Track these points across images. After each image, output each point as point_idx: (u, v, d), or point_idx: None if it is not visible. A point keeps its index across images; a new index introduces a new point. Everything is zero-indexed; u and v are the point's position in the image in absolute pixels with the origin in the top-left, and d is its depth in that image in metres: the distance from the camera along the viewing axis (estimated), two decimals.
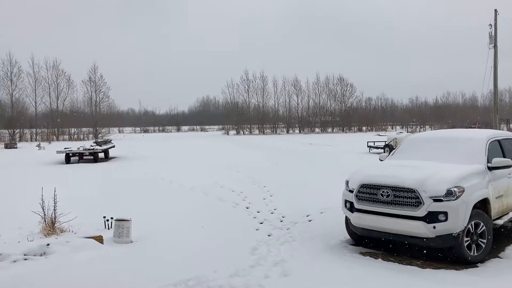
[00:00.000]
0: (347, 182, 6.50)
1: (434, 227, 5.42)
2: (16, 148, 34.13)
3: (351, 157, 22.53)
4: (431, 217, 5.43)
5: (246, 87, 72.00)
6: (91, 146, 23.80)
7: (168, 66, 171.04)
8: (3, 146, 34.98)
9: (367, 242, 6.53)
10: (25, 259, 4.81)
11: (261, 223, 8.16)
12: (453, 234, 5.43)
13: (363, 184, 6.04)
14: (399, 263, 5.60)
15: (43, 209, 7.15)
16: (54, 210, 7.28)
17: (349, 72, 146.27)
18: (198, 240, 6.76)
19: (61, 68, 57.17)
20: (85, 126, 55.98)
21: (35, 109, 54.49)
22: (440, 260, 5.71)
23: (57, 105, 55.64)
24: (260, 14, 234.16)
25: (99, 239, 6.12)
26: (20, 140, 47.74)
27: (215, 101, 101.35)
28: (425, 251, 5.89)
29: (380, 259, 5.78)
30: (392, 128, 79.00)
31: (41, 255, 5.15)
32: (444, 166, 6.07)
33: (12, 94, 51.86)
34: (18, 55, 74.68)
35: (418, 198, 5.50)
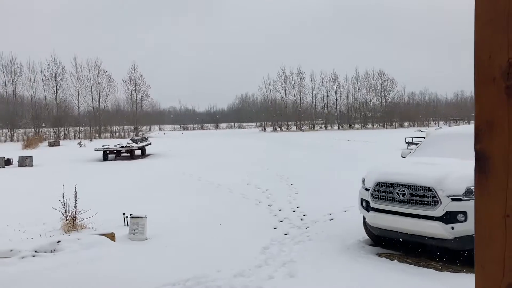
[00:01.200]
0: (363, 180, 6.25)
1: (453, 228, 5.11)
2: (59, 146, 35.41)
3: (387, 153, 21.93)
4: (449, 217, 5.12)
5: (283, 83, 71.63)
6: (128, 143, 24.31)
7: (208, 65, 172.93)
8: (47, 144, 36.36)
9: (386, 243, 6.26)
10: (33, 256, 4.89)
11: (280, 222, 8.01)
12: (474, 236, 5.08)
13: (379, 182, 5.77)
14: (415, 265, 5.32)
15: (63, 206, 7.31)
16: (74, 207, 7.43)
17: (390, 67, 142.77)
18: (212, 238, 6.70)
19: (102, 67, 58.94)
20: (126, 124, 57.40)
21: (78, 108, 56.36)
22: (462, 263, 5.38)
23: (99, 103, 57.35)
24: (297, 8, 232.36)
25: (111, 236, 6.16)
26: (64, 138, 49.53)
27: (253, 98, 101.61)
28: (445, 253, 5.57)
29: (395, 261, 5.51)
30: (435, 124, 76.60)
31: (51, 252, 5.22)
32: (466, 163, 5.70)
33: (56, 94, 53.85)
34: (62, 56, 77.26)
35: (435, 197, 5.20)
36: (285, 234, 7.03)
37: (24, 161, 20.08)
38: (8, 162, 20.49)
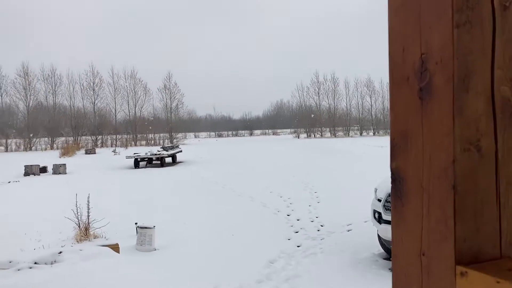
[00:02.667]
0: (375, 190, 5.91)
1: None
2: (95, 153, 36.28)
3: None
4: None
5: (316, 89, 70.96)
6: (158, 151, 24.58)
7: (243, 71, 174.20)
8: (84, 152, 37.34)
9: None
10: (30, 268, 4.85)
11: (296, 232, 7.74)
12: None
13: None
14: None
15: (76, 215, 7.31)
16: (87, 216, 7.42)
17: None
18: (220, 250, 6.51)
19: (138, 77, 60.18)
20: (162, 132, 58.33)
21: (115, 116, 57.75)
22: None
23: (135, 112, 58.54)
24: (332, 15, 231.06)
25: (115, 247, 6.07)
26: (102, 146, 50.83)
27: (288, 105, 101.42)
28: None
29: None
30: None
31: (51, 263, 5.17)
32: None
33: (94, 103, 55.43)
34: (99, 66, 79.71)
35: None
36: (298, 246, 6.75)
37: (58, 169, 20.61)
38: (43, 170, 21.09)
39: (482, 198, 0.83)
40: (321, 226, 8.10)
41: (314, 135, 68.04)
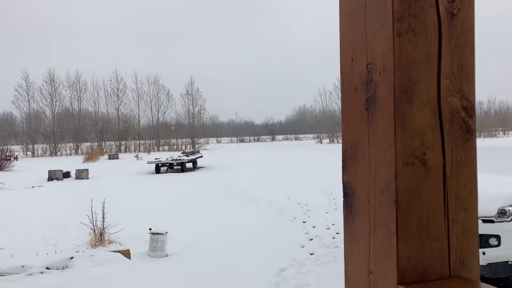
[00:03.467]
0: None
1: (484, 253, 4.57)
2: (118, 159, 36.83)
3: None
4: (480, 241, 4.58)
5: (339, 94, 70.38)
6: (179, 156, 24.80)
7: (265, 77, 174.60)
8: (107, 157, 37.95)
9: None
10: (41, 273, 4.92)
11: (310, 240, 7.66)
12: (509, 262, 4.52)
13: None
14: None
15: (91, 221, 7.41)
16: (102, 222, 7.51)
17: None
18: (230, 257, 6.48)
19: (161, 83, 61.03)
20: (184, 137, 58.88)
21: (138, 121, 58.57)
22: None
23: (158, 117, 59.28)
24: None
25: (126, 253, 6.12)
26: (125, 151, 51.58)
27: (311, 110, 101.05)
28: None
29: None
30: (504, 134, 72.11)
31: (63, 268, 5.24)
32: (503, 179, 5.14)
33: (118, 108, 56.40)
34: (123, 72, 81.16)
35: None
36: (311, 254, 6.68)
37: (81, 174, 20.99)
38: (66, 175, 21.51)
39: (429, 214, 0.80)
40: (337, 233, 8.01)
41: (337, 140, 67.53)
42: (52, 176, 20.59)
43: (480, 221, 4.61)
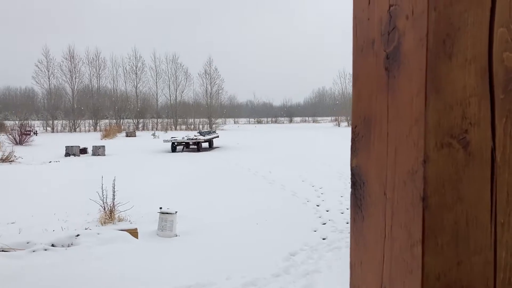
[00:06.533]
0: None
1: None
2: (135, 136, 37.04)
3: None
4: None
5: None
6: (195, 136, 24.71)
7: (285, 58, 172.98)
8: (124, 134, 38.20)
9: None
10: (45, 250, 4.84)
11: (323, 224, 7.46)
12: None
13: None
14: None
15: (102, 198, 7.33)
16: (113, 200, 7.43)
17: None
18: (240, 239, 6.34)
19: (179, 61, 60.84)
20: (201, 117, 58.90)
21: (156, 100, 58.72)
22: None
23: (176, 96, 59.32)
24: None
25: (133, 232, 6.01)
26: (143, 129, 51.90)
27: (331, 92, 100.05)
28: None
29: None
30: None
31: (68, 246, 5.15)
32: None
33: (136, 86, 56.54)
34: (142, 50, 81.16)
35: None
36: (323, 239, 6.48)
37: (97, 151, 21.10)
38: (83, 151, 21.65)
39: (469, 216, 0.56)
40: None
41: None
42: (69, 152, 20.74)
43: None
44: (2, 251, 4.67)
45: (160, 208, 7.72)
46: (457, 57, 0.54)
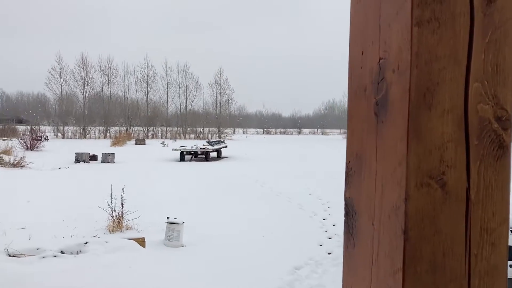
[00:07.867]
0: None
1: (511, 266, 4.30)
2: (144, 144, 37.28)
3: None
4: (509, 252, 4.32)
5: None
6: (203, 145, 24.83)
7: (295, 70, 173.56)
8: (134, 142, 38.46)
9: None
10: (55, 256, 4.93)
11: (329, 238, 7.49)
12: None
13: None
14: None
15: (110, 206, 7.43)
16: (121, 208, 7.53)
17: None
18: (245, 252, 6.37)
19: (190, 71, 61.31)
20: (211, 126, 59.12)
21: (167, 109, 59.10)
22: None
23: (186, 105, 59.68)
24: None
25: (141, 241, 6.09)
26: (152, 137, 52.19)
27: (340, 104, 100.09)
28: None
29: None
30: None
31: (77, 253, 5.24)
32: None
33: (147, 95, 57.03)
34: (154, 59, 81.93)
35: None
36: (328, 253, 6.51)
37: (107, 158, 21.28)
38: (93, 158, 21.85)
39: (445, 248, 0.64)
40: None
41: None
42: (79, 158, 20.95)
43: (510, 232, 4.35)
44: (13, 256, 4.77)
45: (168, 218, 7.80)
46: (436, 108, 0.62)
